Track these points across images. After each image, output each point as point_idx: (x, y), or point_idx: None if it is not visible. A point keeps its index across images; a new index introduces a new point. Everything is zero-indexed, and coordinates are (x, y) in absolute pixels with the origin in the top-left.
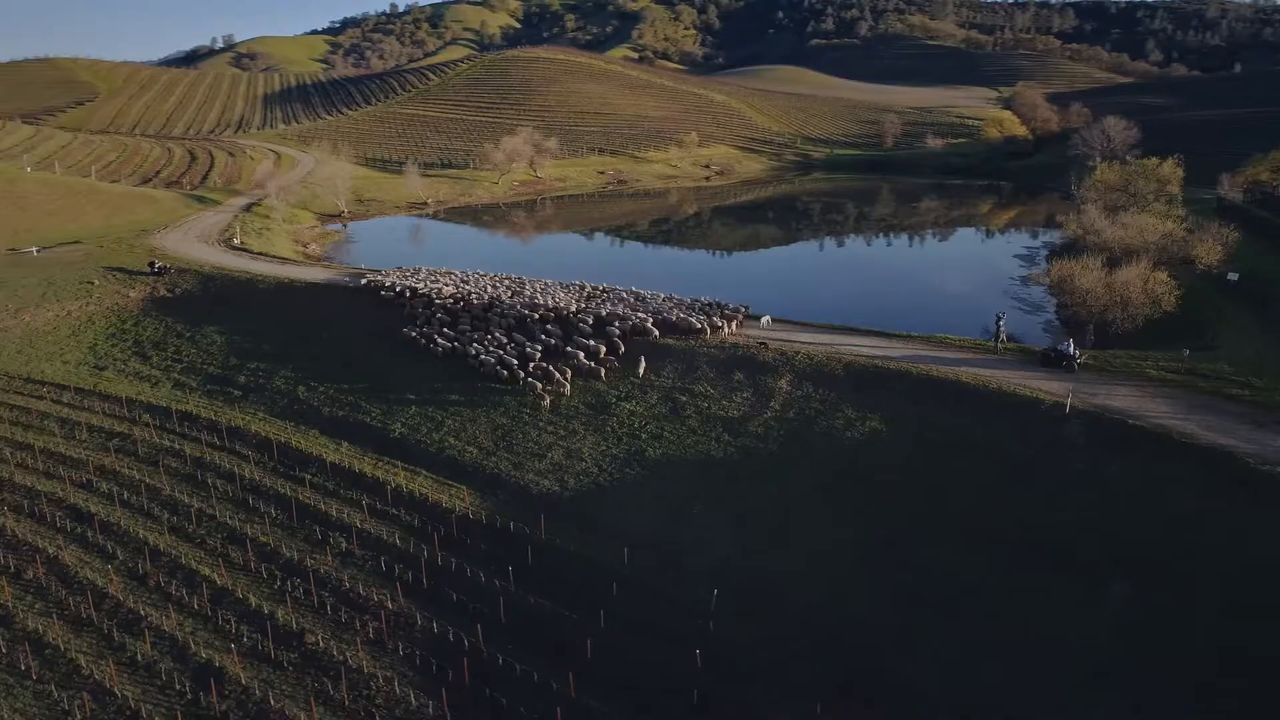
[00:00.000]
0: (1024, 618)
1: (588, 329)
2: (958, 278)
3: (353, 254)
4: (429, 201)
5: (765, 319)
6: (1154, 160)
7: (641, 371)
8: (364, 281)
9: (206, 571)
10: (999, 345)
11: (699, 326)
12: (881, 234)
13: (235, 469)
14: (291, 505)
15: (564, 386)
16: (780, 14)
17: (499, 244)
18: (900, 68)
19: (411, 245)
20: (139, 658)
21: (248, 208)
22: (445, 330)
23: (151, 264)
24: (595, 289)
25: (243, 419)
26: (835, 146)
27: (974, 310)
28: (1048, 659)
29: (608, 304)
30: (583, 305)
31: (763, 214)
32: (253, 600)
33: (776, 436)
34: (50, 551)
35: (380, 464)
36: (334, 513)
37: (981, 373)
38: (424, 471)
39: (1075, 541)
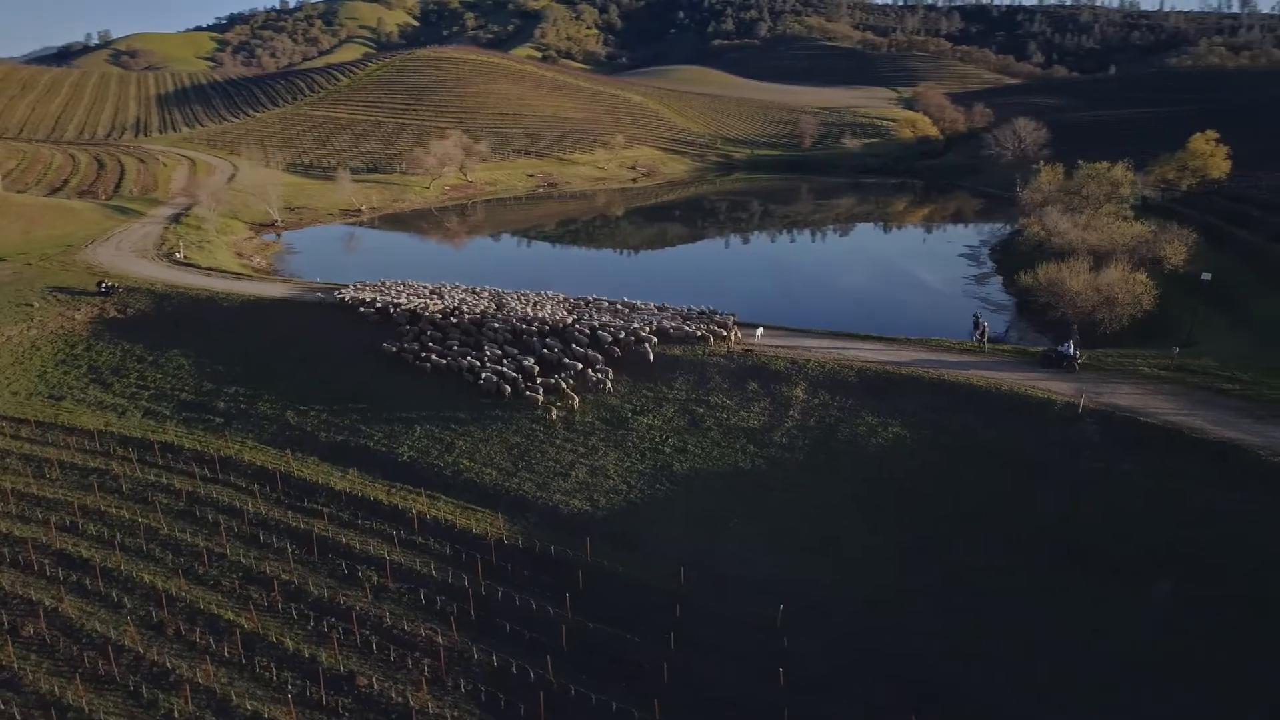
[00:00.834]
0: (1066, 618)
1: (586, 340)
2: (914, 278)
3: (300, 266)
4: (362, 208)
5: (759, 331)
6: (1104, 164)
7: (652, 361)
8: (339, 297)
9: (231, 616)
10: (984, 345)
11: (700, 335)
12: (821, 233)
13: (236, 503)
14: (311, 539)
15: (572, 400)
16: (681, 14)
17: (449, 252)
18: (800, 68)
19: (358, 255)
20: (177, 715)
21: (176, 218)
22: (435, 346)
23: (99, 284)
24: (579, 300)
25: (232, 448)
26: (754, 147)
27: (940, 309)
28: (1095, 659)
29: (599, 314)
30: (576, 317)
31: (696, 215)
32: (289, 644)
33: (802, 446)
34: (47, 604)
35: (394, 490)
36: (356, 545)
37: (989, 375)
38: (443, 497)
39: (1103, 540)
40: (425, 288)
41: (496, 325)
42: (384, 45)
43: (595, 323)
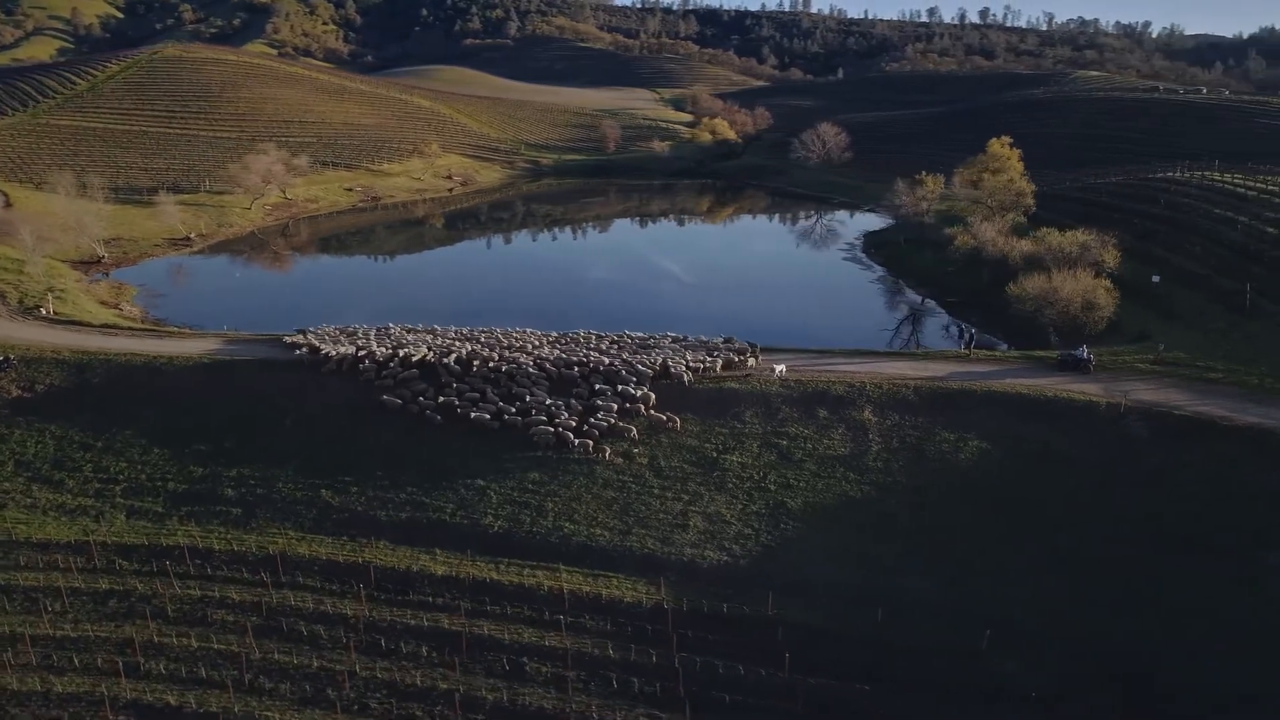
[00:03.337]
0: (1209, 597)
1: (633, 380)
2: (830, 287)
3: (180, 312)
4: (191, 236)
5: (781, 368)
6: (1005, 176)
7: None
8: (326, 352)
9: None
10: (972, 352)
11: (736, 364)
12: (677, 240)
13: (327, 607)
14: (452, 638)
15: (631, 432)
16: (425, 11)
17: (329, 280)
18: (559, 70)
19: (238, 294)
20: None
21: None
22: (453, 398)
23: None
24: (574, 334)
25: (279, 543)
26: (558, 152)
27: (884, 318)
28: (1256, 626)
29: (624, 351)
30: (608, 354)
31: (522, 218)
32: None
33: (899, 468)
34: None
35: (503, 567)
36: (505, 636)
37: (1027, 382)
38: (562, 567)
39: (1199, 526)
40: (374, 330)
41: (532, 370)
42: (83, 39)
43: (622, 359)
